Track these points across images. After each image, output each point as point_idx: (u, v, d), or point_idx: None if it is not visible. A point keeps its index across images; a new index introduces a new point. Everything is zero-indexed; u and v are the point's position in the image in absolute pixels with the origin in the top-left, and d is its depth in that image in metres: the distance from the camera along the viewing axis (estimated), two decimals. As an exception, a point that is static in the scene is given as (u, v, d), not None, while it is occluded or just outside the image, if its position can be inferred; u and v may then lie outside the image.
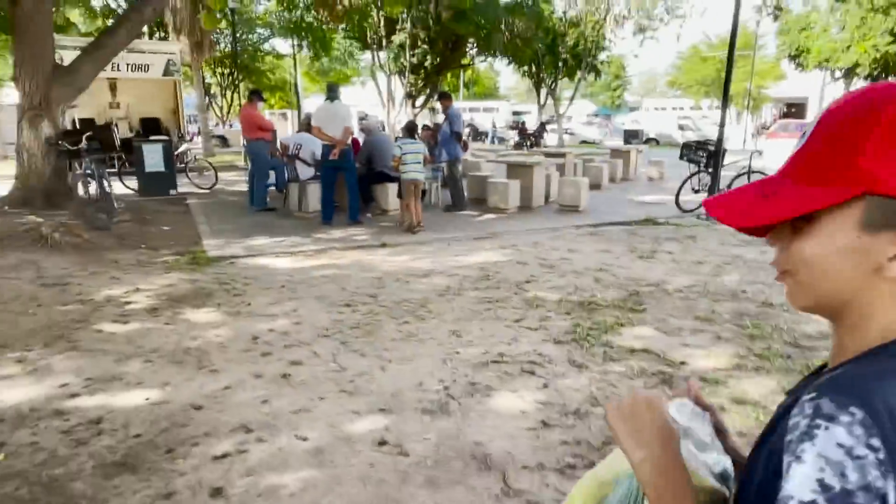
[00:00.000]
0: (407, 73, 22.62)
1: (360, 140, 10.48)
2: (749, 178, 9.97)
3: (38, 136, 8.37)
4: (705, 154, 10.39)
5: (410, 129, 8.67)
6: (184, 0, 18.33)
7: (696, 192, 10.50)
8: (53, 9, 8.59)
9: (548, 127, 29.57)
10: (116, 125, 17.66)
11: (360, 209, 9.02)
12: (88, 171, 7.91)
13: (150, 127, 18.23)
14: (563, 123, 35.56)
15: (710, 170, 10.17)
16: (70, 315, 4.81)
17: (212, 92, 34.24)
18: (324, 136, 8.49)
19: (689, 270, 6.35)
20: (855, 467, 0.56)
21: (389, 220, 9.14)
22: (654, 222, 9.18)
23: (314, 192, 9.40)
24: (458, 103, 49.89)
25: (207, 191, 12.89)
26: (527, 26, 21.93)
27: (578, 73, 27.32)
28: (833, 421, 0.58)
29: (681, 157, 11.05)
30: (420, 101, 24.87)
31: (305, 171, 10.17)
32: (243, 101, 10.94)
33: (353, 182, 8.74)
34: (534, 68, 27.98)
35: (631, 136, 26.65)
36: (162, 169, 11.80)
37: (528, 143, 27.97)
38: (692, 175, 10.53)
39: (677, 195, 9.96)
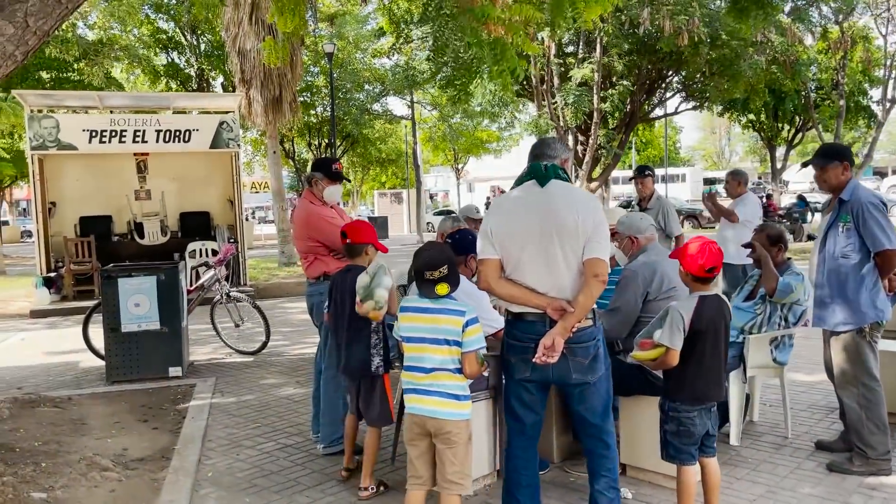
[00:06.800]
0: (594, 127, 14.32)
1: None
2: None
3: None
4: None
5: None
6: (251, 23, 11.59)
7: None
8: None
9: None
10: (139, 225, 10.92)
11: None
12: None
13: (193, 226, 11.38)
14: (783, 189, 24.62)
15: None
16: None
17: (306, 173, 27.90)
18: (528, 297, 2.25)
19: None
20: None
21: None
22: None
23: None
24: (621, 172, 37.52)
25: (250, 357, 6.30)
26: (788, 49, 13.46)
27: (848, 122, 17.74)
28: None
29: None
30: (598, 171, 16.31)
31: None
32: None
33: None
34: (762, 117, 19.00)
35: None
36: (156, 325, 5.44)
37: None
38: None
39: None
